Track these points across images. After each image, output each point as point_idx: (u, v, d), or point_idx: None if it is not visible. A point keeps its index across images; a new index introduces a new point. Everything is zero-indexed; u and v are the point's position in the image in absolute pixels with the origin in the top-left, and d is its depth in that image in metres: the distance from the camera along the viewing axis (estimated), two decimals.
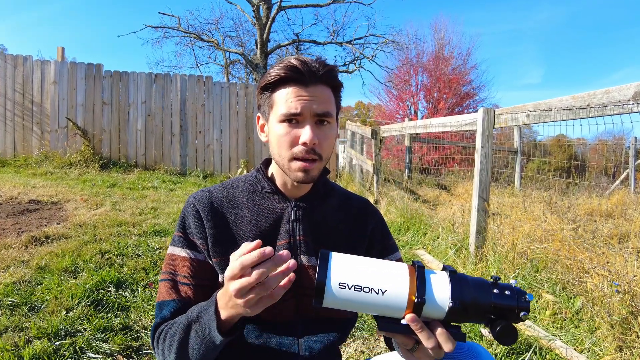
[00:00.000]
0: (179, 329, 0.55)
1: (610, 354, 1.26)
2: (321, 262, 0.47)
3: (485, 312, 0.47)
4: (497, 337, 0.46)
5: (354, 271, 0.47)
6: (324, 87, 0.60)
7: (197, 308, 0.55)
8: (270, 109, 0.61)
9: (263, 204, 0.65)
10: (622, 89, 1.41)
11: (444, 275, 0.49)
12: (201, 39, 10.56)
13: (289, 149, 0.60)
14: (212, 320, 0.50)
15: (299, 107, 0.58)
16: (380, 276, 0.47)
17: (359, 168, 5.56)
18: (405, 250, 2.64)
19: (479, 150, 2.15)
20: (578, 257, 1.72)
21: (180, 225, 0.64)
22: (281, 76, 0.58)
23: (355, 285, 0.46)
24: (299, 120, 0.59)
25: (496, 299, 0.47)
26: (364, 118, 18.87)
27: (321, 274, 0.46)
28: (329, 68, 0.60)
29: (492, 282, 0.49)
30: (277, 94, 0.60)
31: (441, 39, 12.34)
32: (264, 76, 0.62)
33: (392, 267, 0.49)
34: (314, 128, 0.59)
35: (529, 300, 0.47)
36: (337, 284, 0.46)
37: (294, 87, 0.58)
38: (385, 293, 0.46)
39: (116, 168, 5.25)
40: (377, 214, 0.73)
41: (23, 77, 5.26)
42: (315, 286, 0.46)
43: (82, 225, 2.58)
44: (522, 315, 0.47)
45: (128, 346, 1.30)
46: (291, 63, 0.58)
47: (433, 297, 0.46)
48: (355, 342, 1.43)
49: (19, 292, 1.57)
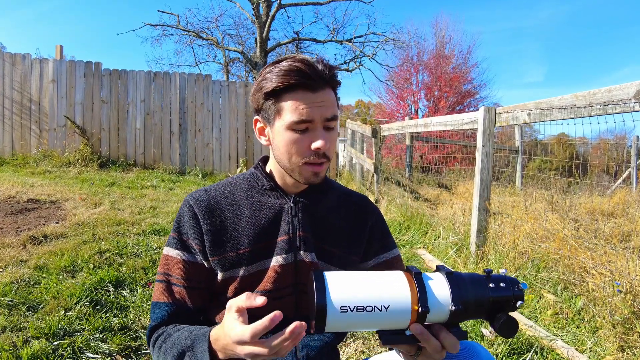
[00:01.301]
0: (173, 351, 0.55)
1: (612, 354, 1.26)
2: (318, 286, 0.44)
3: (484, 307, 0.47)
4: (499, 331, 0.46)
5: (353, 291, 0.45)
6: (329, 90, 0.60)
7: (191, 335, 0.55)
8: (278, 115, 0.59)
9: (262, 200, 0.65)
10: (623, 88, 1.41)
11: (441, 277, 0.48)
12: (200, 37, 10.52)
13: (300, 155, 0.59)
14: (206, 356, 0.51)
15: (311, 115, 0.57)
16: (380, 291, 0.45)
17: (359, 167, 5.55)
18: (406, 249, 2.63)
19: (479, 149, 2.14)
20: (579, 257, 1.71)
21: (175, 225, 0.64)
22: (290, 83, 0.57)
23: (358, 307, 0.44)
24: (309, 127, 0.58)
25: (493, 293, 0.47)
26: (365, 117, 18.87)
27: (320, 300, 0.44)
28: (334, 71, 0.59)
29: (485, 275, 0.49)
30: (285, 100, 0.58)
31: (442, 37, 12.33)
32: (264, 79, 0.59)
33: (390, 278, 0.47)
34: (324, 133, 0.59)
35: (522, 289, 0.48)
36: (339, 308, 0.44)
37: (303, 92, 0.57)
38: (389, 308, 0.45)
39: (115, 167, 5.24)
40: (376, 211, 0.73)
41: (21, 76, 5.23)
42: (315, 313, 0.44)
43: (80, 224, 2.56)
44: (519, 304, 0.48)
45: (127, 346, 1.29)
46: (298, 67, 0.56)
47: (435, 303, 0.46)
48: (356, 342, 1.42)
49: (17, 292, 1.56)
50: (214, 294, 0.64)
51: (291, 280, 0.62)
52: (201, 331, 0.54)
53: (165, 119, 5.69)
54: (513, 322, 0.47)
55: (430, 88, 11.98)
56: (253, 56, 10.16)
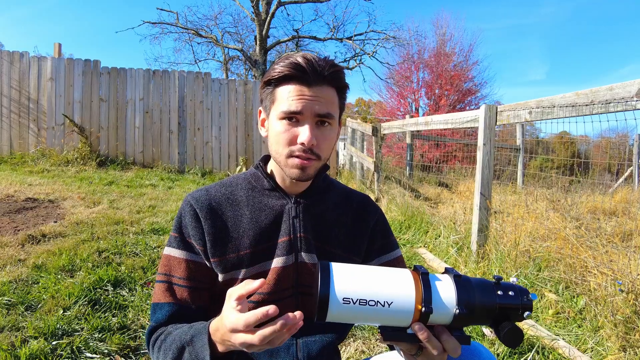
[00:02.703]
0: (173, 348, 0.55)
1: (614, 353, 1.25)
2: (322, 275, 0.45)
3: (490, 314, 0.47)
4: (504, 340, 0.46)
5: (357, 284, 0.45)
6: (328, 87, 0.59)
7: (191, 330, 0.54)
8: (272, 105, 0.61)
9: (263, 201, 0.65)
10: (625, 86, 1.40)
11: (448, 280, 0.48)
12: (200, 35, 10.49)
13: (286, 146, 0.59)
14: (206, 349, 0.50)
15: (300, 106, 0.57)
16: (385, 287, 0.45)
17: (359, 165, 5.54)
18: (407, 248, 2.62)
19: (481, 147, 2.13)
20: (581, 256, 1.70)
21: (176, 225, 0.63)
22: (285, 73, 0.57)
23: (361, 300, 0.44)
24: (299, 119, 0.58)
25: (501, 300, 0.47)
26: (365, 115, 18.83)
27: (324, 288, 0.44)
28: (335, 69, 0.59)
29: (494, 282, 0.48)
30: (280, 90, 0.59)
31: (443, 35, 12.29)
32: (269, 70, 0.61)
33: (396, 275, 0.47)
34: (314, 128, 0.58)
35: (531, 300, 0.47)
36: (341, 299, 0.44)
37: (297, 85, 0.57)
38: (391, 305, 0.45)
39: (114, 166, 5.22)
40: (378, 211, 0.72)
41: (19, 74, 5.21)
42: (317, 301, 0.44)
43: (79, 223, 2.55)
44: (526, 315, 0.47)
45: (126, 346, 1.29)
46: (296, 61, 0.57)
47: (439, 305, 0.45)
48: (356, 342, 1.42)
49: (15, 291, 1.55)
50: (214, 295, 0.64)
51: (292, 282, 0.62)
52: (201, 325, 0.53)
53: (164, 117, 5.67)
54: (518, 331, 0.46)
55: (431, 86, 11.94)
56: (252, 54, 10.13)
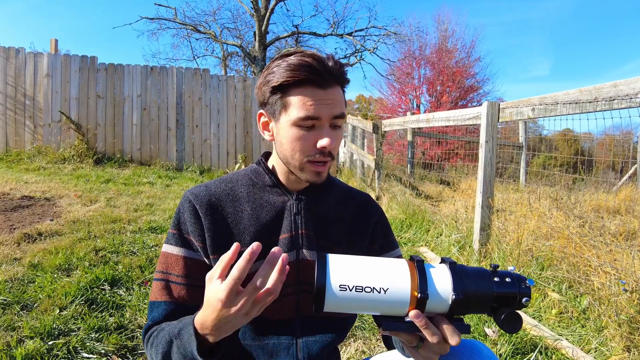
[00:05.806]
0: (162, 342, 0.54)
1: (618, 354, 1.24)
2: (319, 266, 0.46)
3: (487, 301, 0.47)
4: (502, 325, 0.46)
5: (353, 272, 0.46)
6: (338, 87, 0.59)
7: (179, 323, 0.53)
8: (284, 110, 0.58)
9: (264, 197, 0.64)
10: (630, 83, 1.39)
11: (444, 267, 0.48)
12: (198, 31, 10.41)
13: (304, 153, 0.58)
14: (192, 340, 0.49)
15: (319, 112, 0.56)
16: (380, 274, 0.46)
17: (360, 163, 5.52)
18: (408, 247, 2.61)
19: (483, 145, 2.11)
20: (584, 255, 1.69)
21: (175, 222, 0.63)
22: (299, 78, 0.55)
23: (357, 286, 0.45)
24: (315, 125, 0.57)
25: (498, 288, 0.47)
26: (365, 112, 18.75)
27: (320, 278, 0.45)
28: (343, 67, 0.58)
29: (491, 270, 0.49)
30: (293, 95, 0.57)
31: (444, 31, 12.20)
32: (271, 73, 0.58)
33: (392, 264, 0.48)
34: (330, 131, 0.58)
35: (529, 286, 0.48)
36: (338, 286, 0.45)
37: (312, 89, 0.56)
38: (387, 291, 0.45)
39: (111, 163, 5.18)
40: (378, 210, 0.72)
41: (15, 70, 5.15)
42: (314, 291, 0.45)
43: (75, 221, 2.53)
44: (524, 301, 0.47)
45: (123, 346, 1.27)
46: (308, 62, 0.55)
47: (436, 291, 0.46)
48: (356, 342, 1.40)
49: (11, 291, 1.53)
50: None
51: (293, 279, 0.61)
52: (189, 318, 0.52)
53: (162, 114, 5.62)
54: (516, 316, 0.46)
55: (432, 83, 11.88)
56: (252, 50, 10.07)
